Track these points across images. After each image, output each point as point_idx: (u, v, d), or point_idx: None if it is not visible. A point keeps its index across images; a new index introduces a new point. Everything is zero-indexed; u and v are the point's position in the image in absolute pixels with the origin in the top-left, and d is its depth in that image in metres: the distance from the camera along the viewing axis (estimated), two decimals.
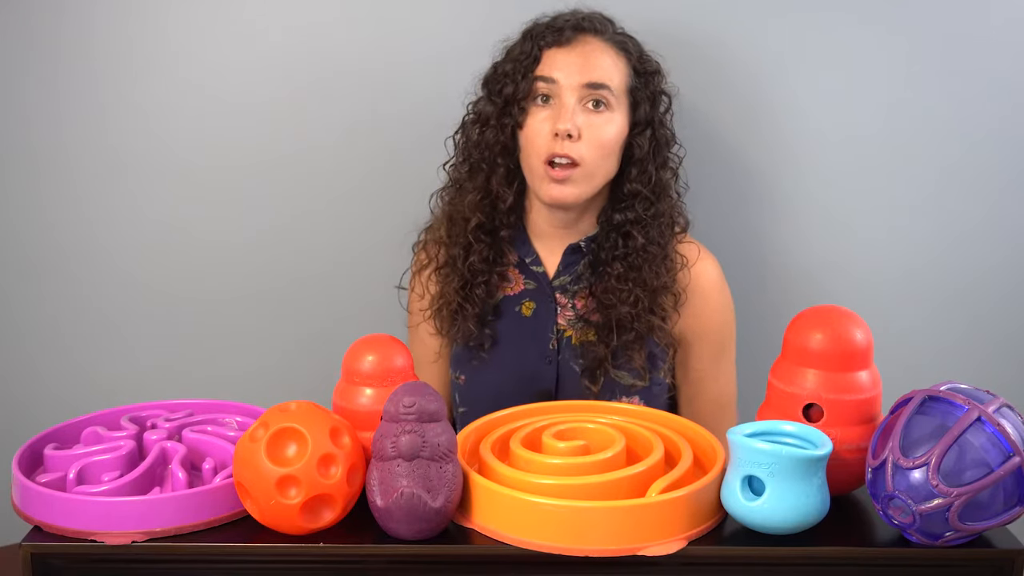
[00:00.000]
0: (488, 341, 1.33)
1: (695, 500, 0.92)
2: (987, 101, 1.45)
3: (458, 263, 1.32)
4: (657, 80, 1.30)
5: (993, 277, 1.51)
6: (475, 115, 1.32)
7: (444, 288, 1.34)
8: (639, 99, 1.28)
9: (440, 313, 1.35)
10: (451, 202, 1.34)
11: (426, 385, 0.94)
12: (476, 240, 1.31)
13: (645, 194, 1.28)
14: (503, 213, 1.31)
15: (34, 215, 1.54)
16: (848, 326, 0.96)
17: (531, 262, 1.34)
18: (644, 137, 1.28)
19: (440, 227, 1.35)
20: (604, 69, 1.24)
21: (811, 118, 1.47)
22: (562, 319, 1.33)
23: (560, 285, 1.33)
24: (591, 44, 1.26)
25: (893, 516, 0.88)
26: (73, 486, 0.96)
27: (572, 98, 1.23)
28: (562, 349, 1.32)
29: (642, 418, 1.10)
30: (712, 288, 1.33)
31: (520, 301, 1.34)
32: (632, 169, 1.29)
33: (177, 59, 1.48)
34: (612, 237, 1.30)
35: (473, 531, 0.93)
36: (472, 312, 1.32)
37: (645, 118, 1.28)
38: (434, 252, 1.36)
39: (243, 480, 0.92)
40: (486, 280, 1.32)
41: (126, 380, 1.58)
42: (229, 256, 1.55)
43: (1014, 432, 0.86)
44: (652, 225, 1.28)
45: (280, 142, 1.51)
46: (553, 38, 1.26)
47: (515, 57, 1.28)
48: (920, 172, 1.48)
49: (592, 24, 1.27)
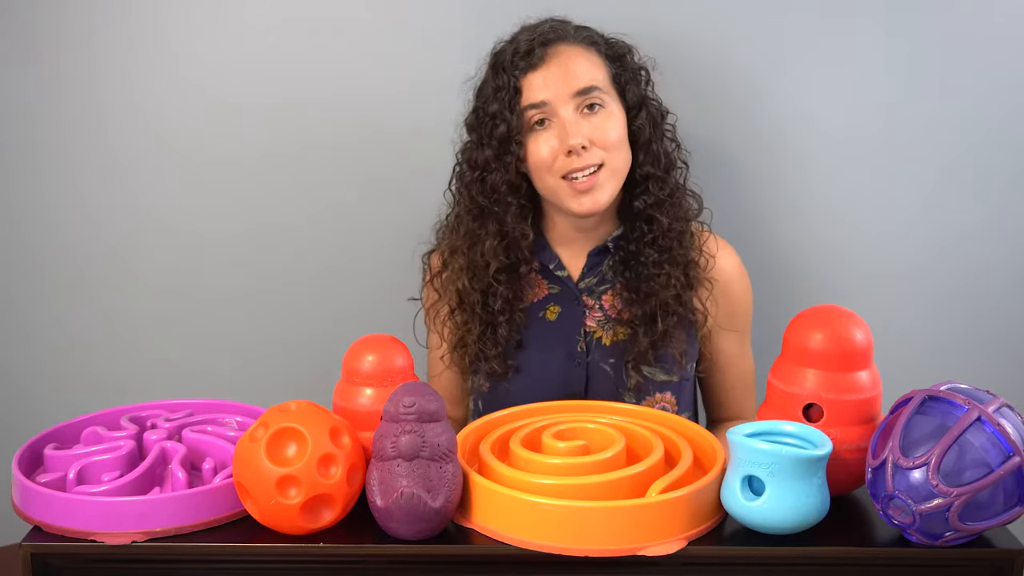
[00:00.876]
0: (512, 367, 1.32)
1: (695, 500, 0.92)
2: (987, 101, 1.45)
3: (477, 309, 1.30)
4: (630, 59, 1.30)
5: (993, 277, 1.51)
6: (470, 164, 1.30)
7: (463, 335, 1.32)
8: (624, 83, 1.28)
9: (456, 352, 1.34)
10: (468, 251, 1.31)
11: (426, 385, 0.94)
12: (496, 282, 1.29)
13: (658, 175, 1.28)
14: (524, 248, 1.29)
15: (36, 215, 1.54)
16: (848, 326, 0.96)
17: (555, 267, 1.33)
18: (642, 118, 1.28)
19: (447, 267, 1.33)
20: (585, 71, 1.24)
21: (810, 118, 1.47)
22: (591, 321, 1.32)
23: (586, 287, 1.33)
24: (563, 53, 1.24)
25: (893, 516, 0.88)
26: (73, 486, 0.97)
27: (568, 110, 1.22)
28: (591, 351, 1.31)
29: (642, 418, 1.10)
30: (736, 276, 1.35)
31: (544, 307, 1.33)
32: (640, 153, 1.29)
33: (178, 59, 1.48)
34: (638, 226, 1.30)
35: (473, 531, 0.93)
36: (494, 353, 1.30)
37: (636, 100, 1.28)
38: (444, 292, 1.34)
39: (243, 480, 0.92)
40: (508, 319, 1.31)
41: (126, 380, 1.58)
42: (230, 256, 1.55)
43: (1014, 432, 0.86)
44: (671, 202, 1.29)
45: (281, 142, 1.51)
46: (526, 63, 1.24)
47: (494, 95, 1.26)
48: (920, 172, 1.48)
49: (556, 32, 1.25)
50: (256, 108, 1.49)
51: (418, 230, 1.41)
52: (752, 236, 1.50)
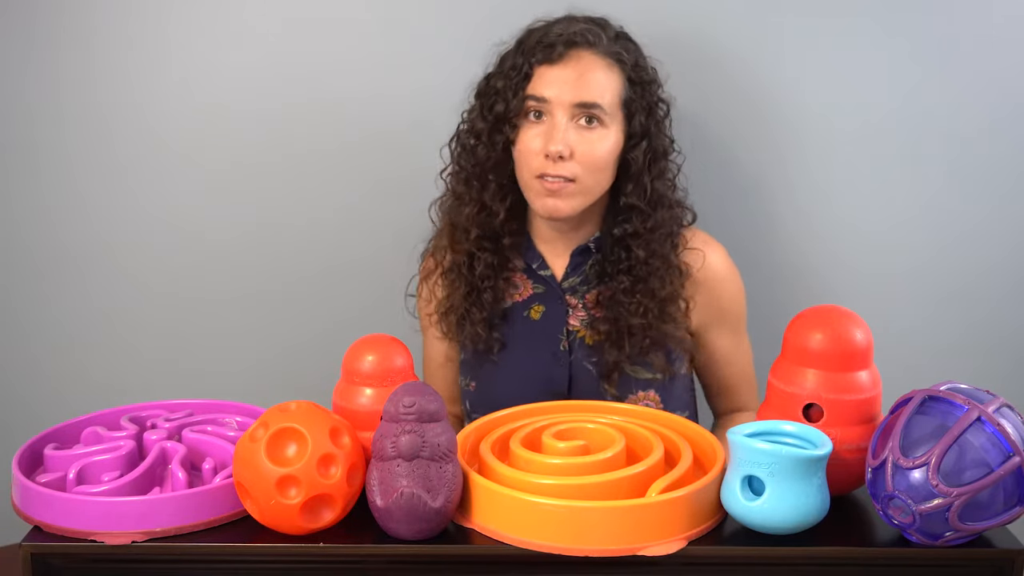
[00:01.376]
0: (497, 345, 1.33)
1: (695, 500, 0.92)
2: (987, 101, 1.45)
3: (463, 270, 1.32)
4: (653, 89, 1.28)
5: (993, 277, 1.51)
6: (468, 126, 1.31)
7: (451, 294, 1.34)
8: (634, 110, 1.26)
9: (447, 318, 1.35)
10: (451, 211, 1.34)
11: (426, 385, 0.94)
12: (479, 249, 1.31)
13: (641, 208, 1.27)
14: (500, 224, 1.30)
15: (36, 216, 1.54)
16: (848, 326, 0.96)
17: (538, 267, 1.33)
18: (639, 150, 1.26)
19: (443, 235, 1.35)
20: (596, 86, 1.22)
21: (810, 119, 1.47)
22: (574, 320, 1.32)
23: (570, 287, 1.33)
24: (584, 60, 1.23)
25: (893, 516, 0.88)
26: (73, 486, 0.96)
27: (564, 117, 1.22)
28: (574, 349, 1.31)
29: (642, 418, 1.10)
30: (725, 276, 1.33)
31: (529, 306, 1.34)
32: (628, 184, 1.27)
33: (178, 59, 1.48)
34: (615, 250, 1.29)
35: (473, 531, 0.93)
36: (480, 317, 1.32)
37: (640, 130, 1.26)
38: (440, 258, 1.36)
39: (243, 480, 0.92)
40: (492, 285, 1.32)
41: (126, 380, 1.58)
42: (230, 256, 1.55)
43: (1014, 432, 0.86)
44: (652, 238, 1.27)
45: (281, 142, 1.51)
46: (544, 55, 1.23)
47: (506, 72, 1.26)
48: (920, 172, 1.48)
49: (585, 37, 1.24)
50: (256, 109, 1.49)
51: (418, 230, 1.41)
52: (752, 236, 1.50)
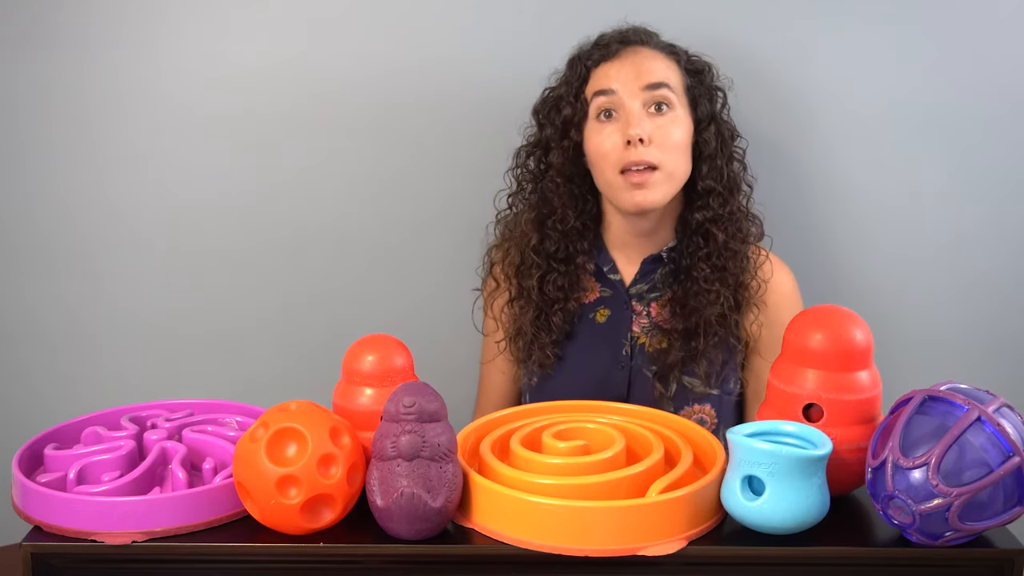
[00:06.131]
0: (562, 352, 1.33)
1: (695, 500, 0.92)
2: (987, 102, 1.45)
3: (532, 294, 1.31)
4: (710, 77, 1.30)
5: (993, 277, 1.51)
6: (533, 144, 1.32)
7: (519, 320, 1.33)
8: (697, 96, 1.28)
9: (515, 343, 1.35)
10: (520, 234, 1.32)
11: (426, 385, 0.94)
12: (551, 269, 1.31)
13: (719, 190, 1.28)
14: (575, 236, 1.30)
15: (36, 216, 1.54)
16: (848, 326, 0.96)
17: (608, 270, 1.33)
18: (710, 133, 1.28)
19: (508, 255, 1.35)
20: (659, 70, 1.24)
21: (810, 119, 1.47)
22: (636, 326, 1.32)
23: (637, 293, 1.33)
24: (640, 52, 1.26)
25: (893, 516, 0.88)
26: (73, 486, 0.96)
27: (635, 103, 1.23)
28: (635, 355, 1.32)
29: (642, 418, 1.10)
30: (789, 300, 1.33)
31: (595, 308, 1.34)
32: (703, 166, 1.28)
33: (194, 58, 1.48)
34: (694, 240, 1.29)
35: (473, 531, 0.93)
36: (548, 340, 1.31)
37: (707, 114, 1.28)
38: (504, 281, 1.36)
39: (243, 480, 0.92)
40: (562, 308, 1.31)
41: (126, 380, 1.58)
42: (229, 256, 1.55)
43: (1014, 432, 0.86)
44: (730, 221, 1.28)
45: (283, 142, 1.51)
46: (600, 55, 1.26)
47: (567, 80, 1.28)
48: (920, 172, 1.48)
49: (637, 36, 1.27)
50: (256, 110, 1.49)
51: (419, 230, 1.41)
52: None
